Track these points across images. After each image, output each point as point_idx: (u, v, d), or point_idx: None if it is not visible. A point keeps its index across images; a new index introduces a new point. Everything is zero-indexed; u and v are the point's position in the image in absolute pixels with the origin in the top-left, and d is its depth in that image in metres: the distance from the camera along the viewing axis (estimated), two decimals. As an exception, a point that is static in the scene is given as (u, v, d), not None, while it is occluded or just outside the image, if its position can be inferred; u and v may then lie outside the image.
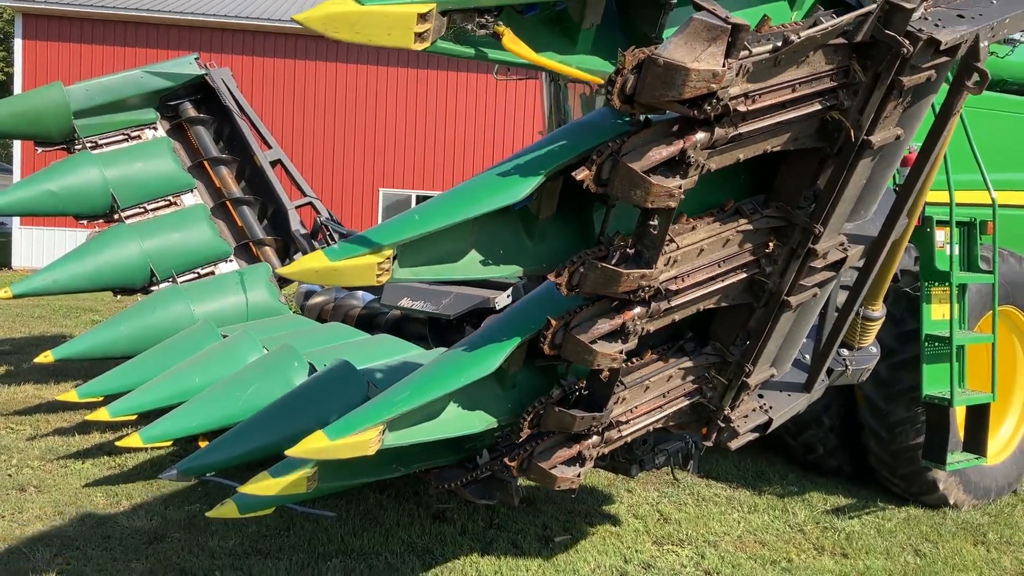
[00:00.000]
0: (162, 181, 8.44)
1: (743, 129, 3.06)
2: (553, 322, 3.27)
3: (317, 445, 3.21)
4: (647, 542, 5.37)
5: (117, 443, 5.50)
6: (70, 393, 6.30)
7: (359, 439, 3.22)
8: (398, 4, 2.47)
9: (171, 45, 20.16)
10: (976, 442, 5.93)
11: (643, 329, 3.38)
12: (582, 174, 2.91)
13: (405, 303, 6.96)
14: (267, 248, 8.67)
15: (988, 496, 6.42)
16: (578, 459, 3.82)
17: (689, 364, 3.87)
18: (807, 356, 4.61)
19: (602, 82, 2.80)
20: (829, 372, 4.73)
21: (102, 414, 5.76)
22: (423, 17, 2.49)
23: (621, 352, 3.32)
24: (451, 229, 3.02)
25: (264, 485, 3.91)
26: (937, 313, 5.83)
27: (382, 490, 5.86)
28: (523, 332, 3.48)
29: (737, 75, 2.78)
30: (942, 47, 3.22)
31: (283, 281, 8.56)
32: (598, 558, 5.07)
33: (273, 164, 9.01)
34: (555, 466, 3.77)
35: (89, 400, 6.30)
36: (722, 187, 3.46)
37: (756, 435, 4.33)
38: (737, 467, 6.93)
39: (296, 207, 8.91)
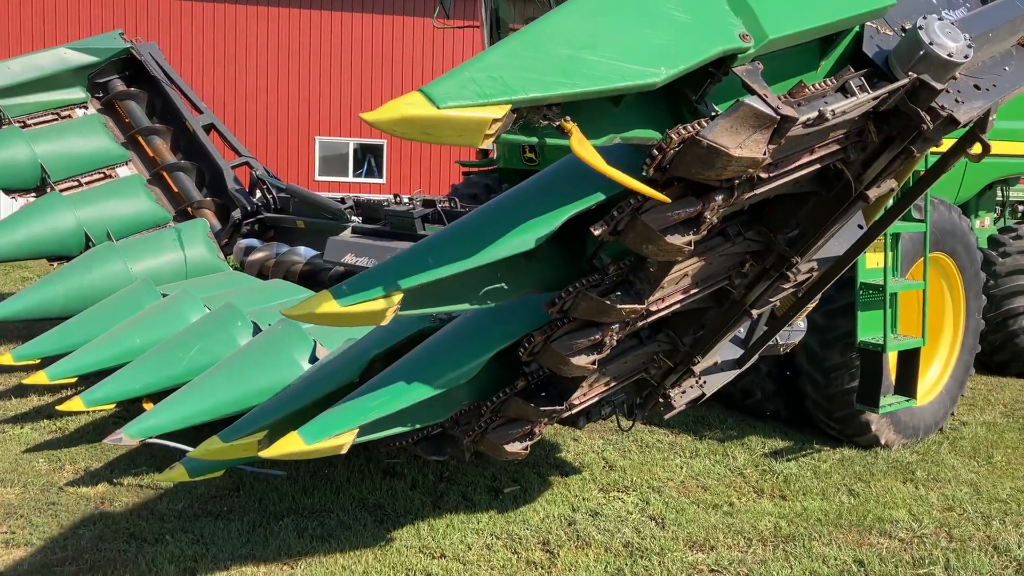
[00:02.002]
0: (94, 154, 8.35)
1: (759, 189, 3.11)
2: (536, 336, 3.39)
3: (292, 449, 3.25)
4: (594, 490, 5.50)
5: (57, 407, 5.39)
6: (5, 356, 6.14)
7: (334, 443, 3.30)
8: (473, 106, 2.35)
9: (93, -11, 19.41)
10: (907, 385, 6.17)
11: (617, 341, 3.51)
12: (599, 230, 2.94)
13: (349, 259, 6.91)
14: (205, 210, 8.63)
15: (917, 435, 6.69)
16: (529, 435, 4.01)
17: (642, 350, 4.01)
18: (743, 330, 4.77)
19: (664, 198, 2.78)
20: None
21: (40, 377, 5.63)
22: (497, 119, 2.40)
23: (594, 363, 3.44)
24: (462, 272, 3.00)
25: (215, 449, 3.91)
26: (872, 261, 6.01)
27: (331, 446, 5.87)
28: (502, 340, 3.55)
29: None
30: (960, 125, 3.27)
31: (222, 237, 8.47)
32: (547, 507, 5.18)
33: (207, 129, 8.93)
34: (508, 442, 3.93)
35: (26, 363, 6.16)
36: None
37: (689, 407, 4.54)
38: (679, 413, 7.10)
39: (232, 167, 8.87)
